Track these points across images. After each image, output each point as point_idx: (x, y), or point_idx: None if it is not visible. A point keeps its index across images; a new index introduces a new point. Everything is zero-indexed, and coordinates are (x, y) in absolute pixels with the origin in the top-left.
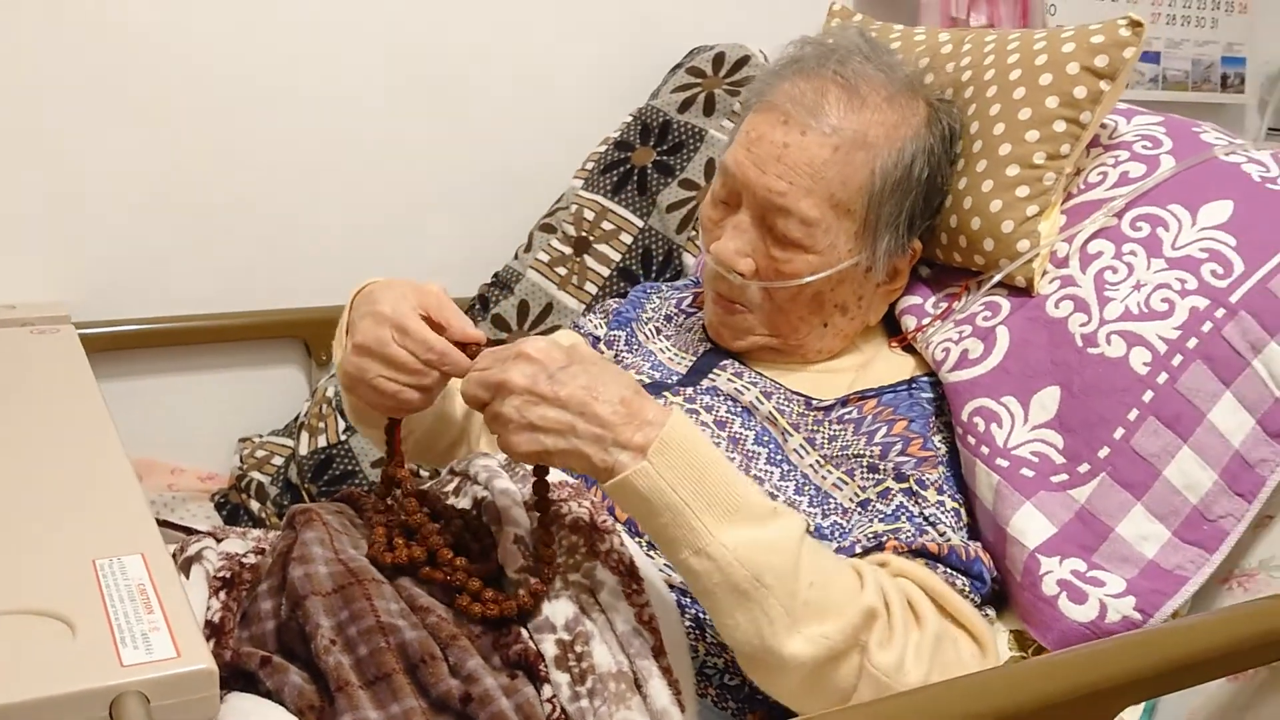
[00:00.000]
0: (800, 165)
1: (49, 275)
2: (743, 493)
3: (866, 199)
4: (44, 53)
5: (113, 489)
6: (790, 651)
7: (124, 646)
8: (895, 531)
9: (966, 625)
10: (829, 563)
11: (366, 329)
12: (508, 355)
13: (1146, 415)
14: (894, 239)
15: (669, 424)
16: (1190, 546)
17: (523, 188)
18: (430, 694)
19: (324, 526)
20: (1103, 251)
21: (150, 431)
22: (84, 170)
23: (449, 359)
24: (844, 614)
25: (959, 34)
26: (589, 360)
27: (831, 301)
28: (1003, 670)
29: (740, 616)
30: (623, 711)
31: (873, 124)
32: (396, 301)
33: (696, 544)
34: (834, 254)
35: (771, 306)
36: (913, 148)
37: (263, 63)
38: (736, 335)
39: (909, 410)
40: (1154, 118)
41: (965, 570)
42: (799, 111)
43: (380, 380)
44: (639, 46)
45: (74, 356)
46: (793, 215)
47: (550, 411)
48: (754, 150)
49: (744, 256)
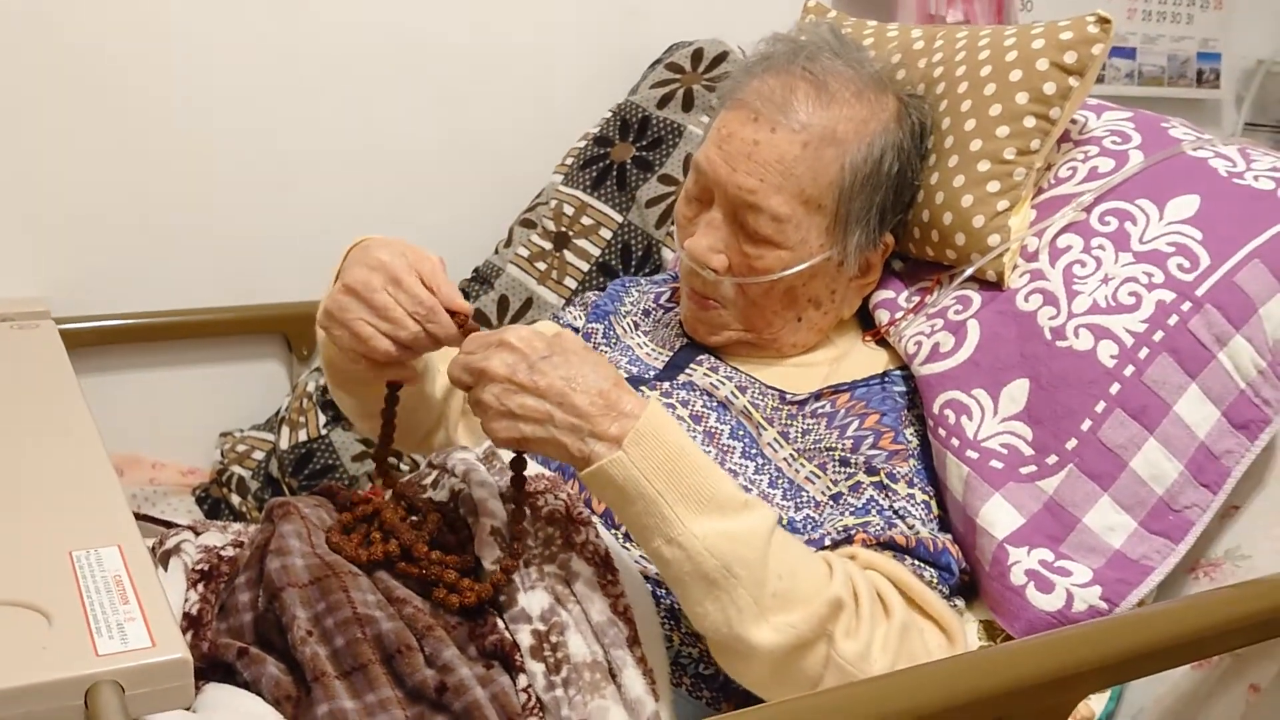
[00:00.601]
0: (770, 162)
1: (29, 270)
2: (716, 484)
3: (837, 194)
4: (23, 46)
5: (91, 482)
6: (757, 640)
7: (99, 636)
8: (865, 525)
9: (934, 615)
10: (798, 554)
11: (358, 273)
12: (492, 342)
13: (1114, 407)
14: (865, 233)
15: (645, 415)
16: (1156, 537)
17: (502, 183)
18: (406, 684)
19: (302, 520)
20: (1072, 246)
21: (132, 426)
22: (65, 165)
23: (436, 315)
24: (811, 604)
25: (931, 30)
26: (571, 350)
27: (805, 296)
28: (968, 656)
29: (710, 605)
30: (597, 700)
31: (841, 119)
32: (395, 256)
33: (668, 533)
34: (805, 249)
35: (745, 302)
36: (882, 142)
37: (244, 58)
38: (711, 330)
39: (881, 404)
40: (1123, 113)
41: (933, 562)
42: (768, 108)
43: (358, 322)
44: (618, 42)
45: (54, 352)
46: (763, 212)
47: (529, 400)
48: (724, 148)
49: (717, 253)
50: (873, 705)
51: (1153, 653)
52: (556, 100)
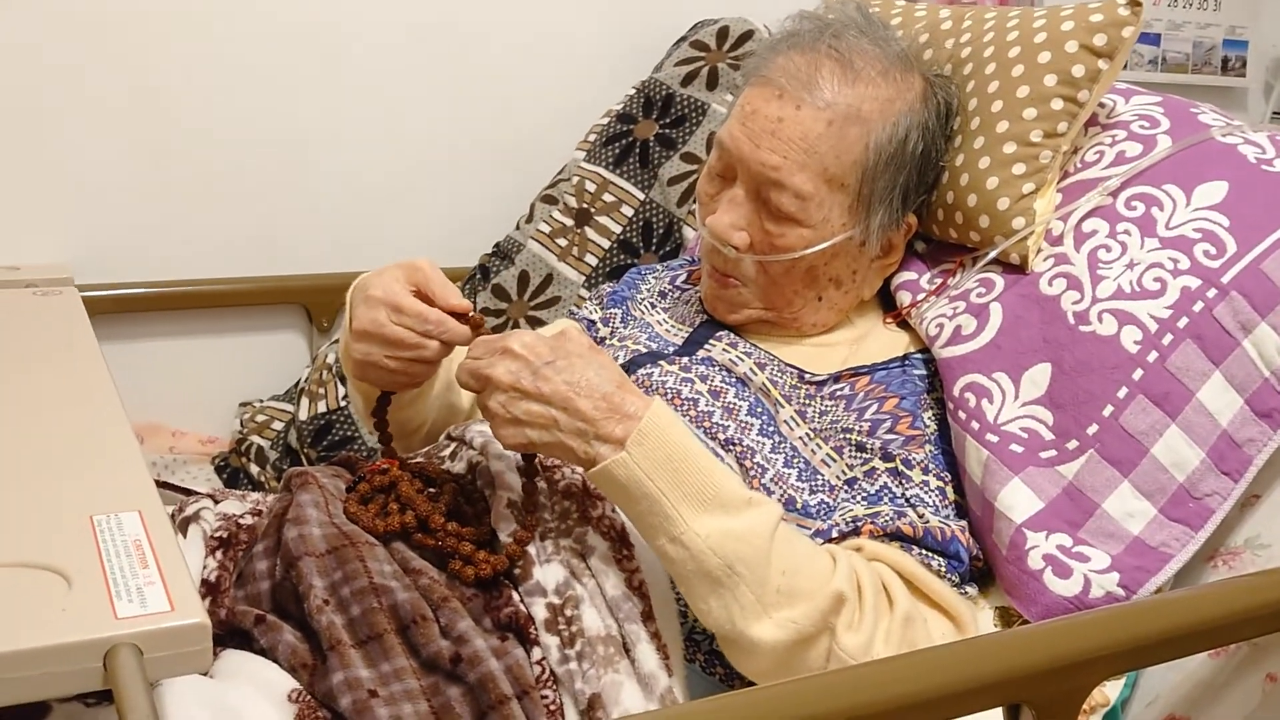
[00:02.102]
0: (794, 139)
1: (53, 237)
2: (719, 482)
3: (860, 173)
4: (46, 18)
5: (112, 448)
6: (759, 636)
7: (119, 600)
8: (874, 516)
9: (941, 604)
10: (802, 549)
11: (362, 314)
12: (497, 348)
13: (1136, 393)
14: (888, 213)
15: (647, 416)
16: (1175, 524)
17: (525, 158)
18: (421, 654)
19: (320, 489)
20: (1097, 230)
21: (152, 394)
22: (88, 134)
23: (444, 326)
24: (813, 599)
25: (960, 11)
26: (575, 353)
27: (825, 275)
28: (982, 640)
29: (713, 602)
30: (610, 674)
31: (866, 98)
32: (387, 284)
33: (672, 531)
34: (827, 228)
35: (766, 280)
36: (907, 122)
37: (264, 31)
38: (731, 309)
39: (900, 387)
40: (1152, 98)
41: (941, 550)
42: (793, 85)
43: (386, 360)
44: (643, 19)
45: (76, 318)
46: (786, 189)
47: (534, 406)
48: (748, 125)
49: (738, 230)
50: (886, 686)
51: (1169, 639)
52: (580, 76)
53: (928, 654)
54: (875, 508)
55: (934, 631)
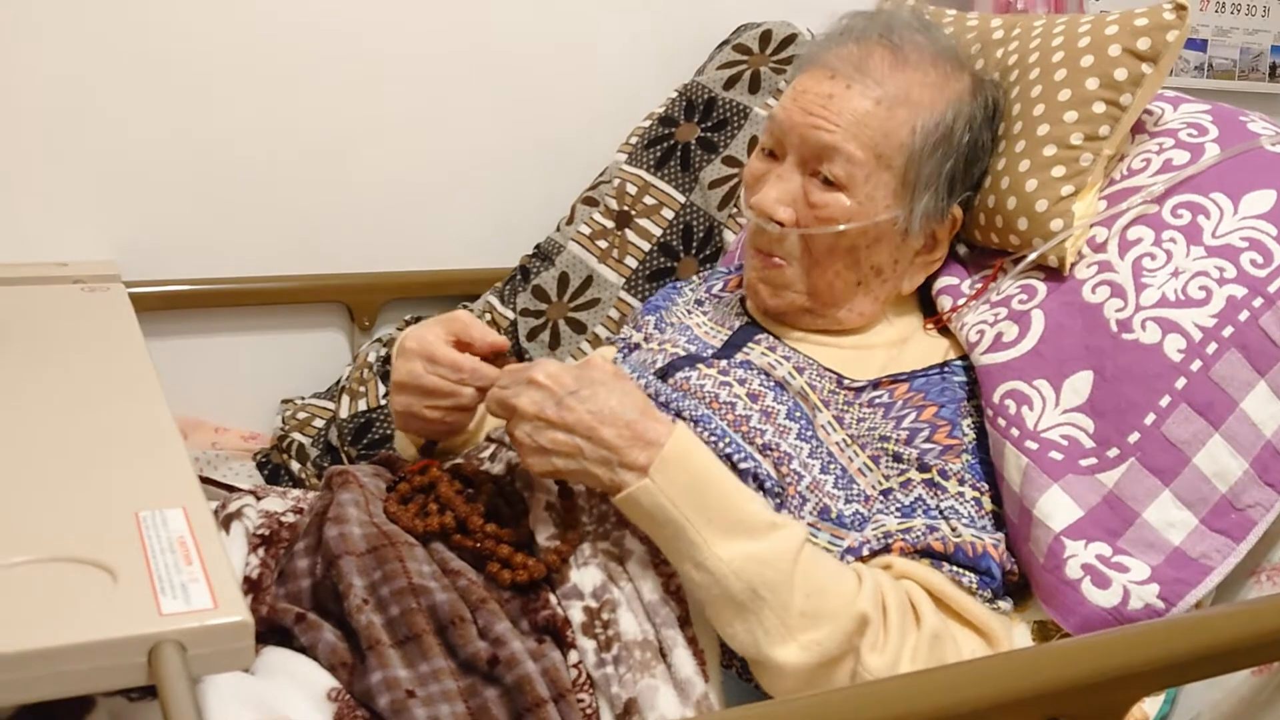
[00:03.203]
0: (845, 112)
1: (101, 234)
2: (742, 506)
3: (906, 156)
4: (98, 17)
5: (157, 444)
6: (785, 659)
7: (163, 596)
8: (905, 531)
9: (972, 621)
10: (825, 571)
11: (399, 367)
12: (522, 378)
13: (1179, 402)
14: (932, 200)
15: (670, 442)
16: (1217, 535)
17: (566, 159)
18: (459, 655)
19: (360, 488)
20: (1142, 238)
21: (196, 390)
22: (137, 134)
23: (478, 373)
24: (837, 620)
25: (1011, 20)
26: (599, 382)
27: (867, 261)
28: (1020, 653)
29: (738, 626)
30: (646, 679)
31: (915, 84)
32: (422, 336)
33: (695, 557)
34: (872, 206)
35: (809, 260)
36: (954, 111)
37: (311, 30)
38: (774, 291)
39: (940, 395)
40: (1201, 105)
41: (973, 566)
42: (845, 68)
43: (425, 410)
44: (686, 21)
45: (123, 314)
46: (839, 154)
47: (559, 435)
48: (799, 101)
49: (783, 205)
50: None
51: (1211, 656)
52: (622, 79)
53: (963, 667)
54: (908, 521)
55: (964, 649)
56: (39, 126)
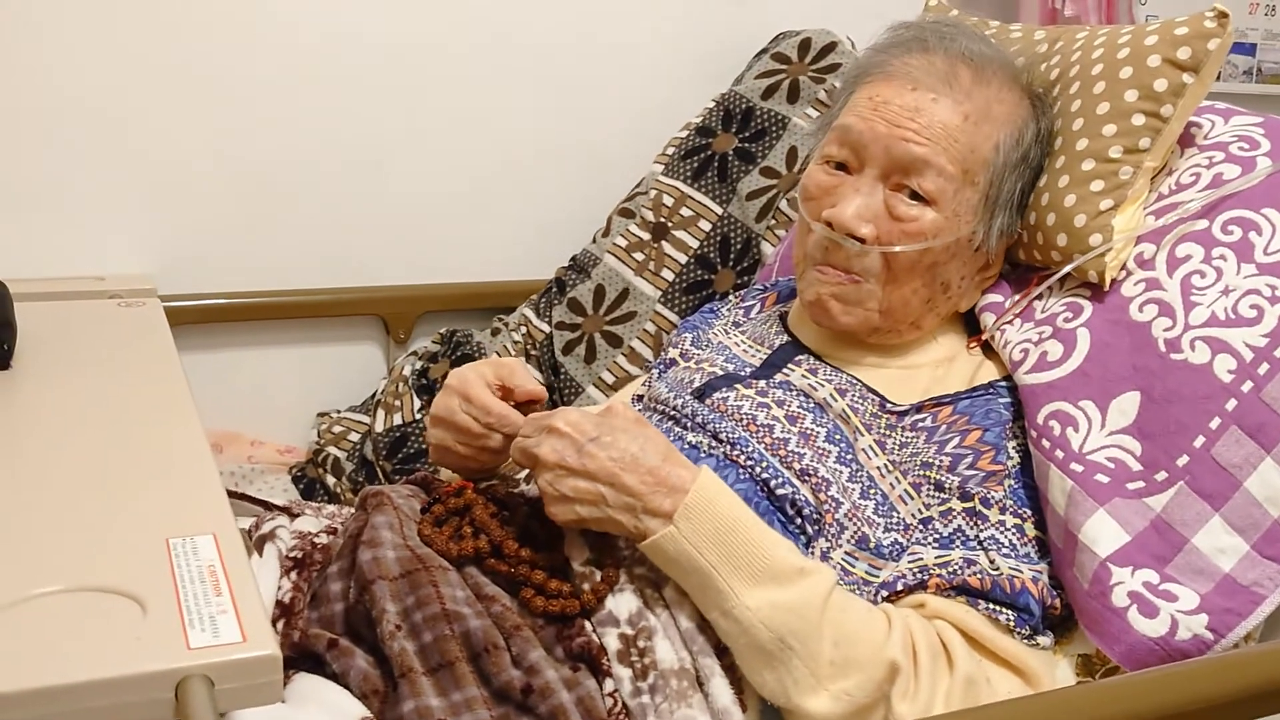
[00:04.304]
0: (934, 125)
1: (138, 248)
2: (769, 553)
3: (990, 173)
4: (135, 31)
5: (189, 466)
6: (815, 710)
7: (191, 629)
8: (944, 564)
9: (1009, 660)
10: (855, 617)
11: (439, 401)
12: (543, 426)
13: (1229, 424)
14: (1007, 218)
15: (694, 489)
16: (1269, 562)
17: (602, 170)
18: (492, 684)
19: (395, 511)
20: (1191, 255)
21: (232, 403)
22: (174, 147)
23: (505, 419)
24: (866, 669)
25: (1055, 33)
26: (620, 429)
27: (941, 278)
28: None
29: (767, 675)
30: (684, 709)
31: (995, 100)
32: (464, 374)
33: (723, 605)
34: (957, 222)
35: (888, 276)
36: (1031, 129)
37: (347, 43)
38: (847, 308)
39: (984, 419)
40: (1253, 118)
41: (1010, 603)
42: (929, 79)
43: (458, 446)
44: (724, 30)
45: (158, 330)
46: (931, 167)
47: (581, 483)
48: (881, 111)
49: (865, 221)
50: None
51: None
52: (660, 89)
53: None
54: (945, 554)
55: (999, 690)
56: (77, 140)
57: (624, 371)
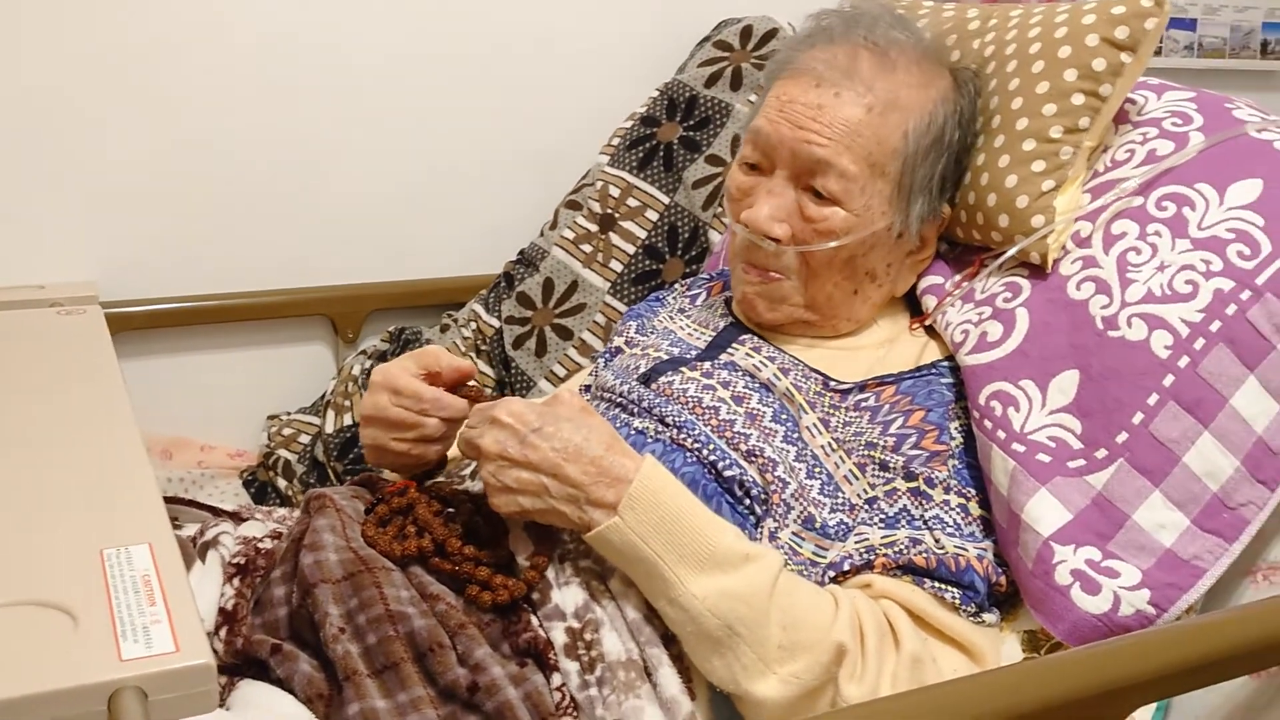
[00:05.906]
0: (836, 123)
1: (79, 255)
2: (714, 540)
3: (900, 162)
4: (73, 35)
5: (126, 476)
6: (763, 694)
7: (124, 640)
8: (890, 544)
9: (955, 638)
10: (802, 601)
11: (365, 401)
12: (487, 417)
13: (1166, 400)
14: (926, 203)
15: (638, 479)
16: (1209, 535)
17: (548, 164)
18: (438, 683)
19: (337, 513)
20: (1126, 232)
21: (181, 409)
22: (113, 151)
23: (439, 403)
24: (814, 652)
25: (987, 10)
26: (564, 418)
27: (863, 268)
28: (1008, 670)
29: (716, 661)
30: (632, 700)
31: (903, 86)
32: (387, 369)
33: (670, 594)
34: (869, 215)
35: (807, 272)
36: (943, 110)
37: (288, 42)
38: (772, 305)
39: (927, 399)
40: (1185, 93)
41: (956, 581)
42: (831, 74)
43: (393, 443)
44: (665, 20)
45: (98, 339)
46: (833, 168)
47: (524, 474)
48: (787, 112)
49: (779, 222)
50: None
51: (1203, 666)
52: (603, 79)
53: (945, 688)
54: (891, 534)
55: (945, 668)
56: (13, 143)
57: (575, 364)
